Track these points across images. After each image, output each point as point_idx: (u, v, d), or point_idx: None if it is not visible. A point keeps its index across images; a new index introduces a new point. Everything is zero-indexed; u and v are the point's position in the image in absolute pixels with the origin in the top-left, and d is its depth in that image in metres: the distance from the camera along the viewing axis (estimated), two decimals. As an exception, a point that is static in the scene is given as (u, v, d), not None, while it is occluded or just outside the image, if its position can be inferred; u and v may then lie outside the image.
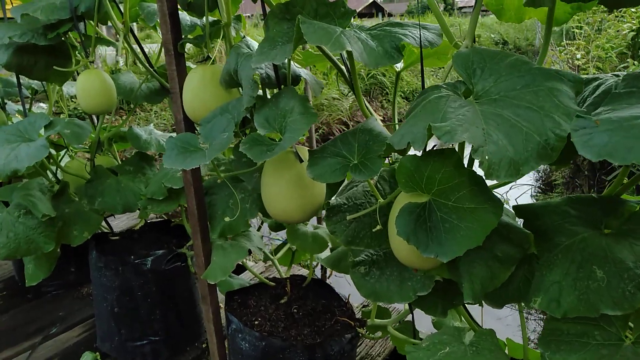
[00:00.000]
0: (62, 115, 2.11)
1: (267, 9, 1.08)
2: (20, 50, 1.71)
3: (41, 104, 3.15)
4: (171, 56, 1.28)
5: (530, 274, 0.91)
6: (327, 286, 1.60)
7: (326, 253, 1.54)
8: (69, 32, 1.67)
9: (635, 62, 6.01)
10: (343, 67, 1.09)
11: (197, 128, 1.32)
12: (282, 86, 1.16)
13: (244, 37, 1.26)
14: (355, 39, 0.83)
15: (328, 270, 2.06)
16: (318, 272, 2.07)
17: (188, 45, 1.33)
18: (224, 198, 1.49)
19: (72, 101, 5.89)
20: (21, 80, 2.21)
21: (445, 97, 0.79)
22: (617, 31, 7.24)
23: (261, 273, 2.60)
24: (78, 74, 1.90)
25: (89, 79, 1.55)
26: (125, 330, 1.77)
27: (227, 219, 1.39)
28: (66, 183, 1.89)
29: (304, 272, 2.52)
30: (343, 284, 2.91)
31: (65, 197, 1.87)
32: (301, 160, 1.05)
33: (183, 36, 1.29)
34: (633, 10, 7.33)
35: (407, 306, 1.42)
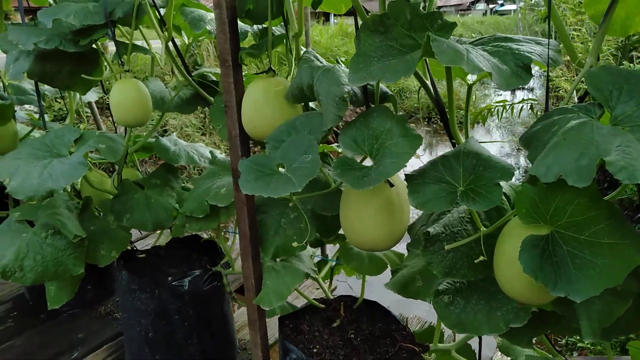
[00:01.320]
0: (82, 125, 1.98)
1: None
2: (43, 57, 1.58)
3: (25, 106, 2.96)
4: (228, 67, 1.19)
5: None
6: (379, 307, 1.53)
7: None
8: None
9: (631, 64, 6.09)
10: (429, 84, 1.02)
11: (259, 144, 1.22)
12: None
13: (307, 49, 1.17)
14: (481, 58, 0.76)
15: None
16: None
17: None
18: (275, 217, 1.39)
19: (57, 101, 5.67)
20: (30, 85, 2.08)
21: (587, 123, 0.71)
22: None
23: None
24: (102, 82, 1.78)
25: (124, 89, 1.44)
26: (161, 356, 1.66)
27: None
28: (89, 198, 1.77)
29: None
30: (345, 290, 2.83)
31: (88, 213, 1.75)
32: (391, 185, 0.97)
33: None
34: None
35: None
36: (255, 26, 1.38)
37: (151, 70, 1.74)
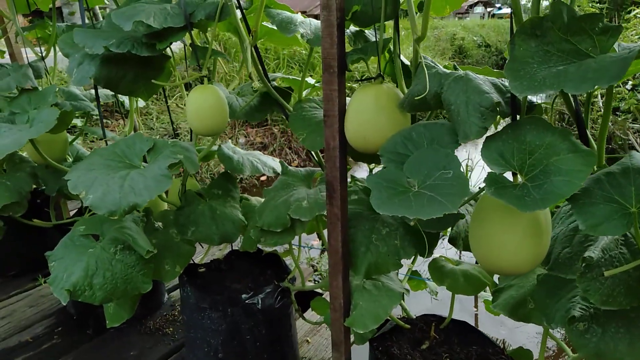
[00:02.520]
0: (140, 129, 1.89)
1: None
2: (108, 61, 1.50)
3: None
4: (333, 74, 1.10)
5: None
6: (469, 327, 1.44)
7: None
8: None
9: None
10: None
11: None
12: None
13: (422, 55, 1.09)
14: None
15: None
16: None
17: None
18: (365, 232, 1.30)
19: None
20: (77, 90, 1.99)
21: None
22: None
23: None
24: (164, 88, 1.69)
25: (203, 96, 1.35)
26: (230, 378, 1.57)
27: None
28: (149, 210, 1.68)
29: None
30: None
31: (149, 226, 1.66)
32: (540, 204, 0.88)
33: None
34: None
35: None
36: (348, 30, 1.29)
37: (213, 74, 1.65)
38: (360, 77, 1.31)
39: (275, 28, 1.58)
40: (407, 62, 1.26)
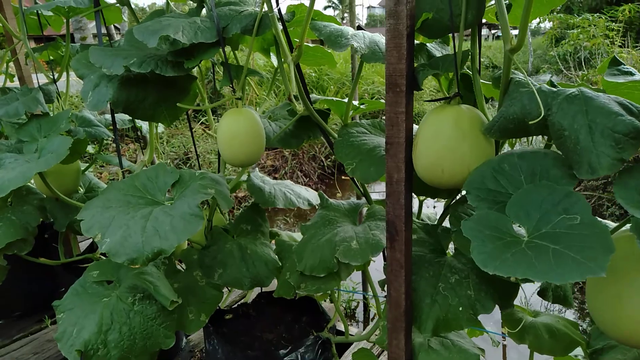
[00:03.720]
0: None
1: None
2: (127, 83, 1.33)
3: None
4: (399, 93, 0.91)
5: None
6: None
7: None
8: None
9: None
10: None
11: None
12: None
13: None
14: None
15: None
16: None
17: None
18: (430, 280, 1.10)
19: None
20: (91, 114, 1.83)
21: None
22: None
23: None
24: (185, 112, 1.52)
25: (237, 121, 1.17)
26: None
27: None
28: (170, 248, 1.49)
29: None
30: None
31: (170, 267, 1.46)
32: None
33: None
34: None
35: None
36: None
37: (242, 96, 1.47)
38: (430, 97, 1.12)
39: (308, 45, 1.42)
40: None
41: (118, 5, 1.50)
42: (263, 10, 1.11)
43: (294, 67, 1.12)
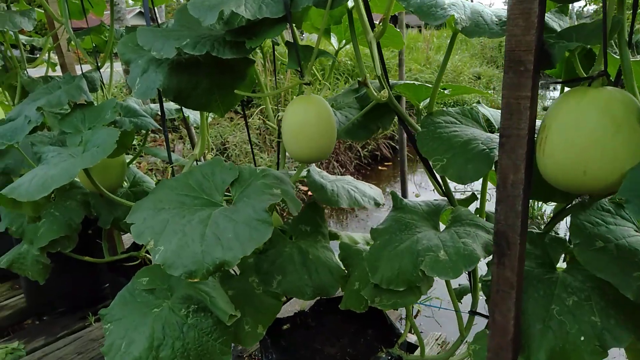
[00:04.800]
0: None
1: None
2: (178, 68, 1.19)
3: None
4: (523, 73, 0.72)
5: None
6: None
7: None
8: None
9: None
10: None
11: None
12: None
13: None
14: None
15: None
16: None
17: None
18: (540, 301, 0.91)
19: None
20: (136, 104, 1.70)
21: None
22: None
23: None
24: (245, 101, 1.36)
25: (307, 111, 1.01)
26: None
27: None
28: (222, 251, 1.34)
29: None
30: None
31: (224, 271, 1.32)
32: None
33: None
34: None
35: None
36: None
37: (311, 81, 1.30)
38: (556, 75, 0.93)
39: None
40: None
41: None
42: (339, -23, 0.93)
43: (376, 46, 0.94)
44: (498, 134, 1.02)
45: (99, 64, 1.59)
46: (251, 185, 1.04)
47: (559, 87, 1.02)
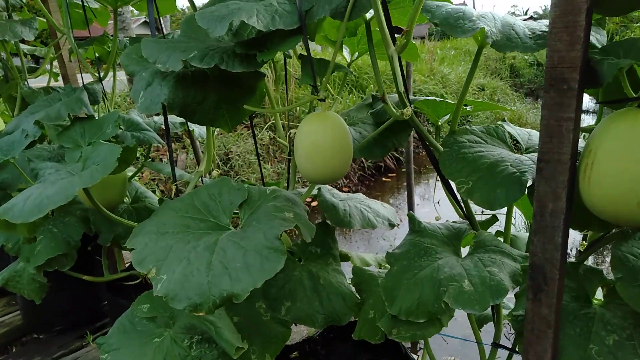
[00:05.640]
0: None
1: None
2: (184, 81, 1.12)
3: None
4: (566, 93, 0.66)
5: None
6: None
7: None
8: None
9: None
10: None
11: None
12: None
13: None
14: None
15: None
16: None
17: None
18: (576, 339, 0.84)
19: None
20: (139, 117, 1.64)
21: None
22: None
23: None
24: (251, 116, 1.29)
25: (322, 129, 0.94)
26: None
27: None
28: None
29: None
30: None
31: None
32: None
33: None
34: None
35: None
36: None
37: (326, 97, 1.23)
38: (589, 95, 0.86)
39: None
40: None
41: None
42: (359, -13, 0.87)
43: (397, 61, 0.87)
44: (527, 155, 0.95)
45: (102, 75, 1.53)
46: (261, 207, 0.97)
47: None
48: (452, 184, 1.05)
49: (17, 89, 1.76)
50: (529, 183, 0.83)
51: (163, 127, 1.58)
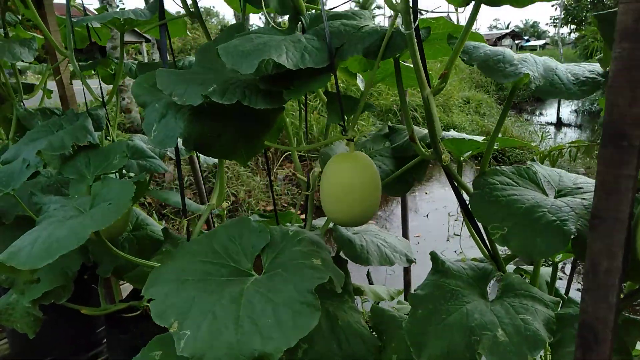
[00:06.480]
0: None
1: None
2: (200, 114, 1.07)
3: None
4: (626, 150, 0.63)
5: None
6: None
7: None
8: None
9: None
10: None
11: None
12: None
13: None
14: None
15: None
16: None
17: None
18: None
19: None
20: (143, 143, 1.58)
21: None
22: None
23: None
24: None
25: (353, 171, 0.90)
26: None
27: None
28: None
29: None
30: None
31: None
32: None
33: None
34: None
35: None
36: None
37: (355, 137, 1.19)
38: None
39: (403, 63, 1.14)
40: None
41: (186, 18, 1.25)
42: (393, 26, 0.84)
43: (433, 103, 0.84)
44: (562, 199, 0.93)
45: (105, 100, 1.47)
46: (285, 252, 0.92)
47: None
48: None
49: (13, 110, 1.69)
50: (573, 235, 0.80)
51: (167, 153, 1.52)
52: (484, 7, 0.80)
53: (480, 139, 1.11)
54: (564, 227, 0.82)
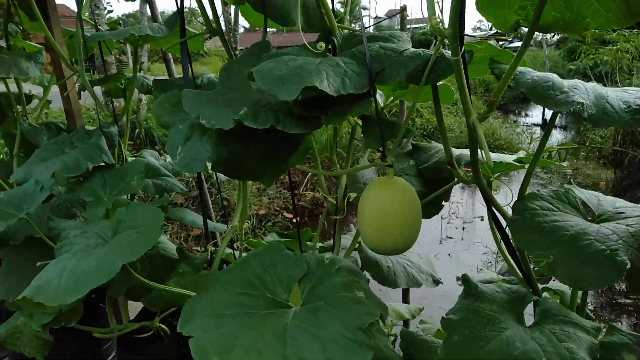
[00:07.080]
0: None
1: None
2: (227, 136, 1.04)
3: None
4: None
5: None
6: None
7: None
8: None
9: None
10: None
11: None
12: None
13: None
14: None
15: None
16: None
17: None
18: None
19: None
20: (155, 160, 1.53)
21: None
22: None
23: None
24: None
25: (393, 198, 0.87)
26: None
27: None
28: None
29: None
30: None
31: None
32: None
33: None
34: None
35: None
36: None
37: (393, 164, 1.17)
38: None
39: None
40: None
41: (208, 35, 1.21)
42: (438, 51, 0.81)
43: (480, 130, 0.82)
44: (606, 226, 0.91)
45: (117, 117, 1.42)
46: (324, 282, 0.89)
47: None
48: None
49: (17, 125, 1.63)
50: (629, 265, 0.78)
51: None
52: (467, 7, 0.78)
53: (512, 158, 1.09)
54: (616, 257, 0.80)
